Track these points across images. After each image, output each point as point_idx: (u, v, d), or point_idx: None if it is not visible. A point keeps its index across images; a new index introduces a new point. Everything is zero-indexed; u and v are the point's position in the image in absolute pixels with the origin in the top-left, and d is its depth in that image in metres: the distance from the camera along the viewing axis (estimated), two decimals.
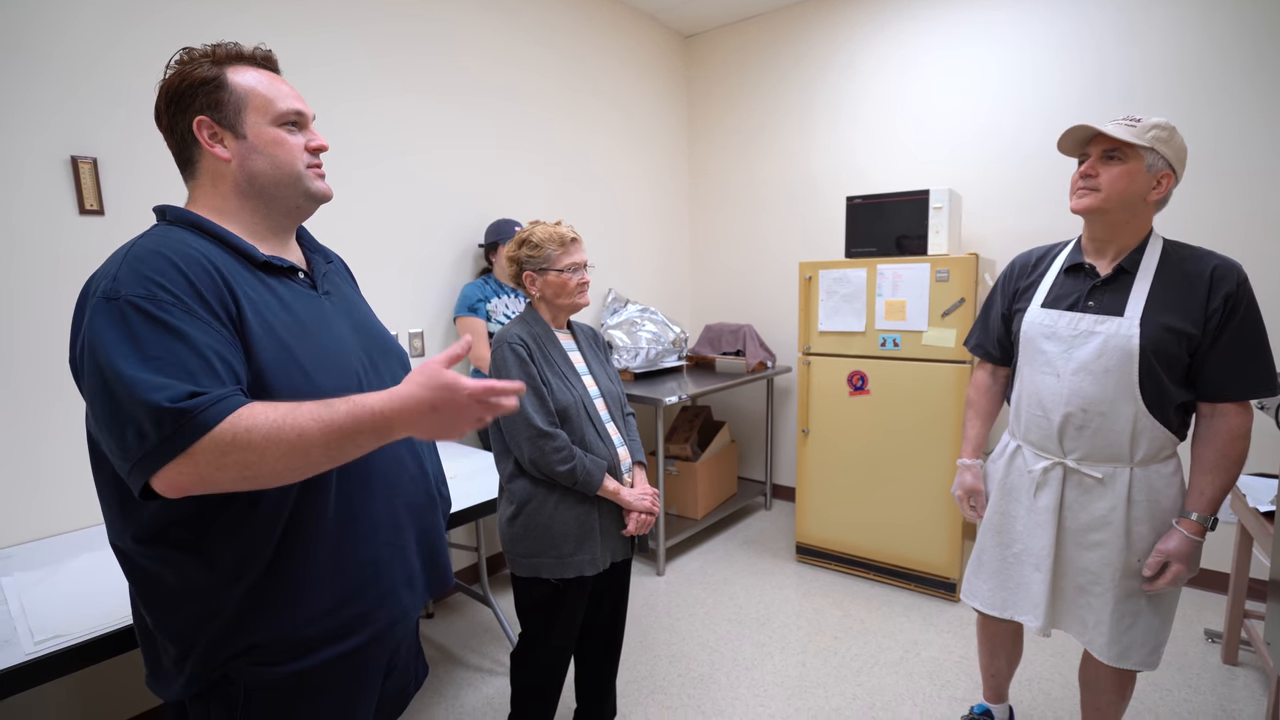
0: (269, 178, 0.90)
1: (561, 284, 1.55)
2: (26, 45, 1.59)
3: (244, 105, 0.88)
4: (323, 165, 0.97)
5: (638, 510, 1.59)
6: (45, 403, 1.66)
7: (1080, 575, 1.44)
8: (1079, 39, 2.69)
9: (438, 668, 2.23)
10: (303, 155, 0.93)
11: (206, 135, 0.88)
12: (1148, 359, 1.29)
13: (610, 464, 1.56)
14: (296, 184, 0.92)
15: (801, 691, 2.06)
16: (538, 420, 1.47)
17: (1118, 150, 1.30)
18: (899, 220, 2.66)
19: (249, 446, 0.72)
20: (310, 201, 0.95)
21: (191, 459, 0.71)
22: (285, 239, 0.98)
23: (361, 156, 2.32)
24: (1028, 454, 1.50)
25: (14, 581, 1.36)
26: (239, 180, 0.89)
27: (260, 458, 0.73)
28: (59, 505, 1.69)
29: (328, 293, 1.00)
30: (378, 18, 2.33)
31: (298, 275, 0.96)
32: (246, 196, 0.90)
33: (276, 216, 0.94)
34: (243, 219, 0.91)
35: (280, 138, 0.90)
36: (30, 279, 1.62)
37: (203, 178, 0.90)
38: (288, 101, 0.92)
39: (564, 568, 1.51)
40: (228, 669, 0.85)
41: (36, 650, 1.09)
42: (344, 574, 0.90)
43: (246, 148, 0.89)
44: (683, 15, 3.60)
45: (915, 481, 2.64)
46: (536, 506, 1.51)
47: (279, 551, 0.85)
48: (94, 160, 1.69)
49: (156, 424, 0.71)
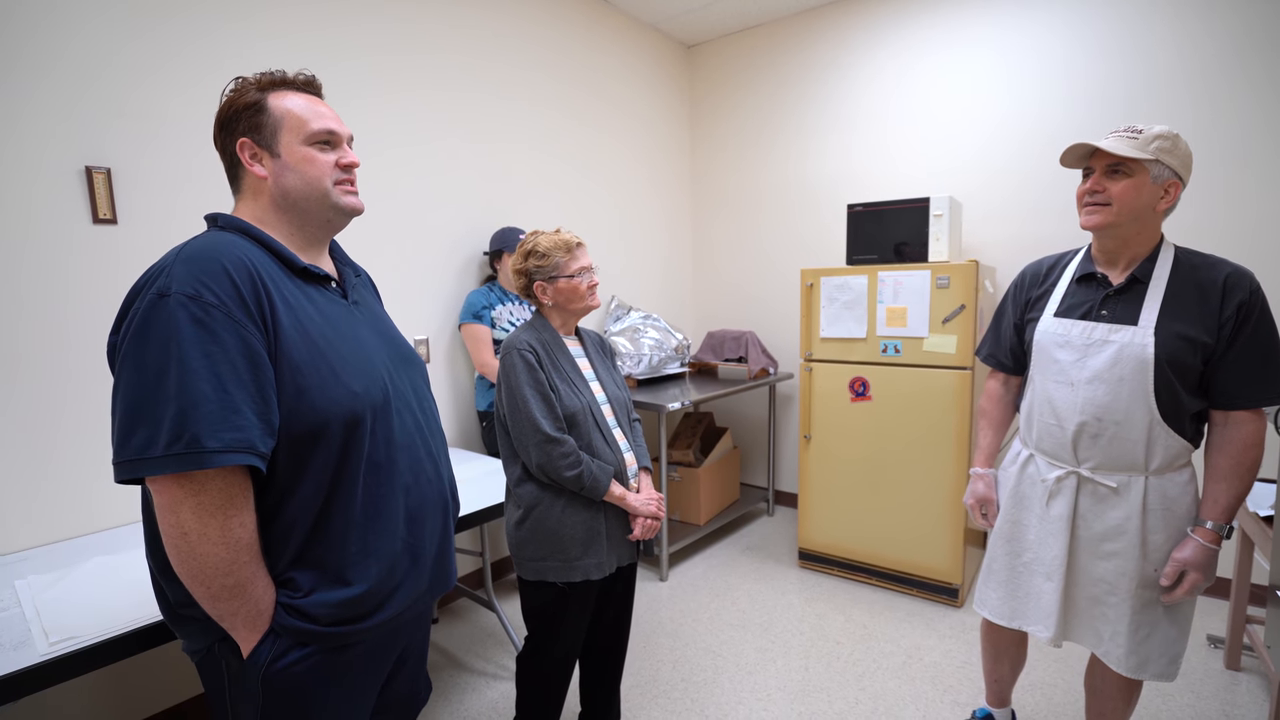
0: (300, 193, 0.97)
1: (573, 289, 1.57)
2: (42, 56, 1.62)
3: (280, 127, 0.96)
4: (355, 181, 1.03)
5: (643, 515, 1.60)
6: (59, 408, 1.68)
7: (1094, 585, 1.42)
8: (1080, 46, 2.72)
9: (442, 672, 2.24)
10: (332, 172, 0.99)
11: (248, 155, 0.96)
12: (1162, 368, 1.29)
13: (617, 469, 1.57)
14: (325, 199, 0.99)
15: (804, 696, 2.07)
16: (545, 426, 1.48)
17: (1122, 164, 1.30)
18: (900, 228, 2.68)
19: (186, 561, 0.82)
20: (340, 215, 1.02)
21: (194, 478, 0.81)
22: (319, 251, 1.05)
23: (368, 165, 2.35)
24: (1040, 463, 1.49)
25: (28, 584, 1.38)
26: (275, 195, 0.97)
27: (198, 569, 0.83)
28: (71, 509, 1.71)
29: (356, 302, 1.06)
30: (385, 25, 2.37)
31: (330, 284, 1.03)
32: (282, 210, 0.98)
33: (310, 229, 1.01)
34: (280, 231, 0.98)
35: (311, 156, 0.97)
36: (44, 287, 1.65)
37: (246, 193, 0.99)
38: (321, 122, 0.98)
39: (570, 571, 1.53)
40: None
41: (52, 651, 1.11)
42: (368, 562, 0.95)
43: (280, 166, 0.96)
44: (685, 25, 3.65)
45: (917, 487, 2.65)
46: (544, 511, 1.53)
47: (310, 538, 0.91)
48: (108, 170, 1.73)
49: (175, 437, 0.78)
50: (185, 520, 0.80)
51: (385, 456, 0.97)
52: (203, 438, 0.78)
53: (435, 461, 1.08)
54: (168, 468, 0.78)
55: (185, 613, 0.92)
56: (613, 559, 1.59)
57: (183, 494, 0.80)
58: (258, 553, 0.87)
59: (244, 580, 0.85)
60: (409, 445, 1.02)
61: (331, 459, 0.91)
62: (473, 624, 2.58)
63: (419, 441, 1.04)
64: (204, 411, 0.79)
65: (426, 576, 1.05)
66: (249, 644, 0.88)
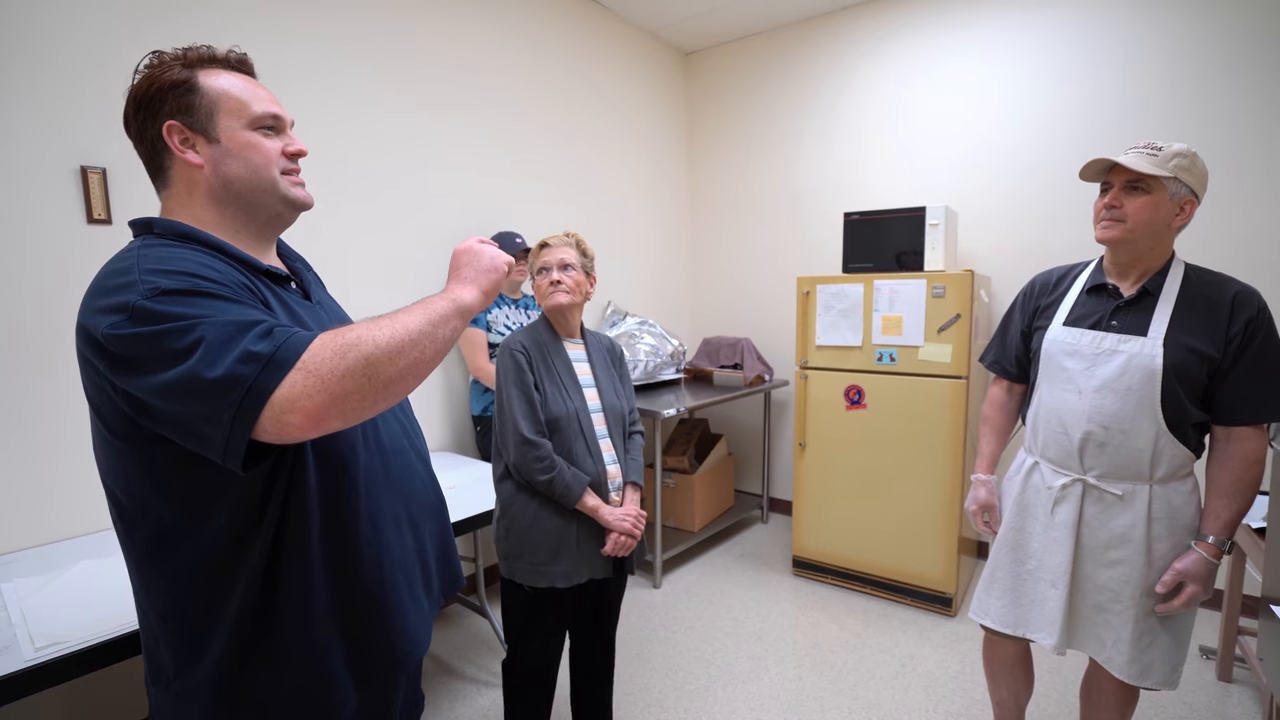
0: (245, 183, 0.85)
1: (538, 287, 1.62)
2: (37, 56, 1.62)
3: (217, 108, 0.84)
4: (300, 171, 0.93)
5: (615, 531, 1.55)
6: (50, 409, 1.67)
7: (1099, 593, 1.43)
8: (1076, 57, 2.75)
9: (433, 679, 2.22)
10: (279, 160, 0.88)
11: (177, 140, 0.83)
12: (1170, 379, 1.30)
13: (595, 480, 1.55)
14: (273, 190, 0.88)
15: (797, 705, 2.06)
16: (523, 427, 1.49)
17: (1141, 181, 1.31)
18: (896, 236, 2.69)
19: (359, 341, 0.73)
20: (289, 209, 0.91)
21: (313, 372, 0.70)
22: (267, 249, 0.94)
23: (362, 168, 2.35)
24: (1046, 470, 1.50)
25: (14, 588, 1.37)
26: (213, 187, 0.84)
27: (375, 348, 0.73)
28: (61, 511, 1.70)
29: (319, 302, 1.00)
30: (380, 31, 2.37)
31: (290, 285, 0.95)
32: (224, 204, 0.86)
33: (257, 225, 0.90)
34: (223, 229, 0.86)
35: (255, 141, 0.86)
36: (39, 287, 1.64)
37: (176, 186, 0.85)
38: (263, 105, 0.87)
39: (537, 576, 1.52)
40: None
41: (37, 656, 1.09)
42: (377, 579, 0.92)
43: (220, 152, 0.84)
44: (684, 33, 3.66)
45: (911, 496, 2.65)
46: (518, 511, 1.53)
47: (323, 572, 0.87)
48: (103, 170, 1.72)
49: (265, 335, 0.71)
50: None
51: (380, 464, 0.94)
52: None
53: (425, 461, 1.06)
54: (288, 361, 0.72)
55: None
56: (583, 570, 1.55)
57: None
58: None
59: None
60: (399, 450, 0.99)
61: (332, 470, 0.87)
62: (465, 630, 2.56)
63: (407, 445, 1.01)
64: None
65: (435, 582, 1.03)
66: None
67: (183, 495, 0.79)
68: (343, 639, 0.88)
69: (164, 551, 0.81)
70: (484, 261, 0.93)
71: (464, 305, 0.87)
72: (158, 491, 0.79)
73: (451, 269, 0.93)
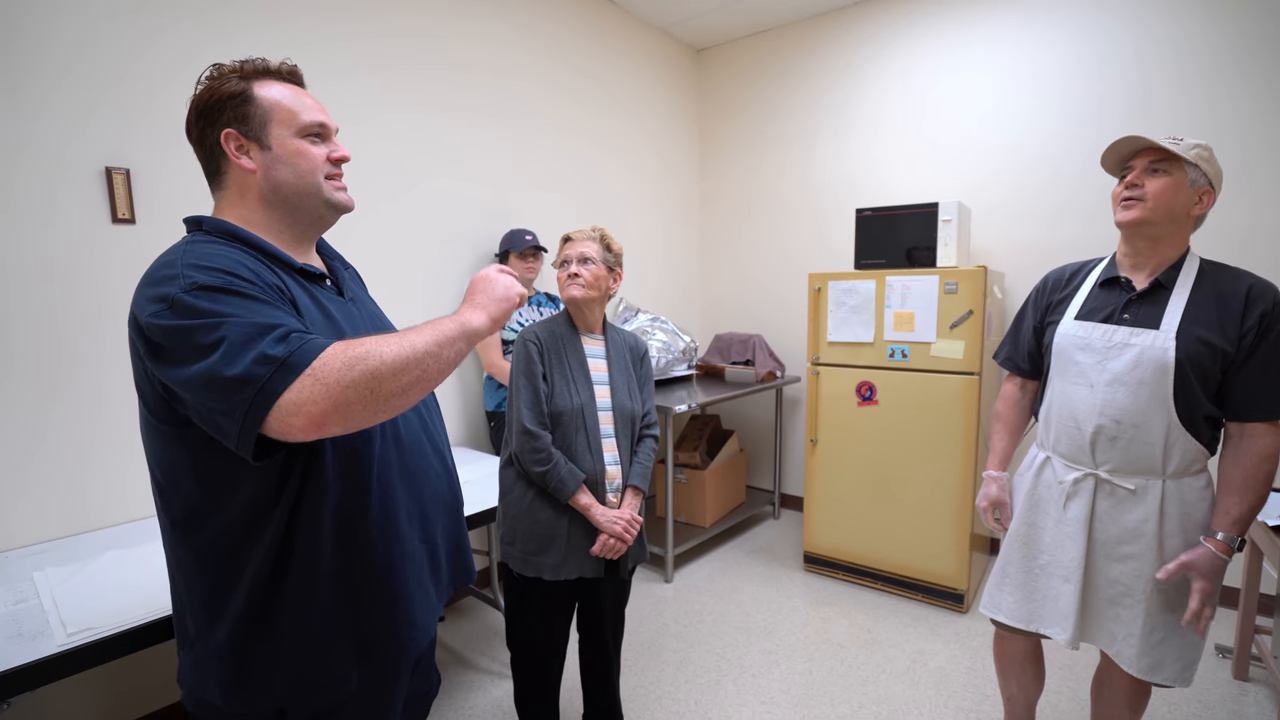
0: (292, 187, 0.93)
1: (558, 280, 1.63)
2: (62, 58, 1.66)
3: (269, 118, 0.91)
4: (343, 176, 1.00)
5: (605, 532, 1.54)
6: (78, 405, 1.71)
7: (1110, 587, 1.42)
8: (1085, 53, 2.72)
9: (447, 670, 2.26)
10: (324, 165, 0.95)
11: (233, 147, 0.91)
12: (1183, 372, 1.30)
13: (591, 478, 1.55)
14: (317, 193, 0.95)
15: (808, 700, 2.07)
16: (526, 417, 1.52)
17: (1163, 163, 1.31)
18: (908, 232, 2.69)
19: (368, 355, 0.77)
20: (331, 211, 0.98)
21: (320, 379, 0.74)
22: (308, 249, 1.02)
23: (378, 166, 2.38)
24: (1058, 465, 1.50)
25: (45, 576, 1.41)
26: (264, 190, 0.92)
27: (381, 363, 0.77)
28: (89, 503, 1.75)
29: (352, 299, 1.05)
30: (395, 33, 2.40)
31: (325, 282, 1.01)
32: (272, 206, 0.93)
33: (301, 226, 0.97)
34: (269, 228, 0.94)
35: (303, 148, 0.93)
36: (66, 286, 1.69)
37: (230, 189, 0.93)
38: (311, 114, 0.95)
39: (525, 565, 1.54)
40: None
41: (70, 641, 1.13)
42: (386, 567, 0.96)
43: (271, 158, 0.91)
44: (695, 29, 3.66)
45: (923, 492, 2.64)
46: (516, 498, 1.57)
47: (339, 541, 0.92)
48: (127, 171, 1.76)
49: (281, 339, 0.75)
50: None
51: (396, 457, 0.97)
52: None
53: (441, 454, 1.09)
54: (299, 366, 0.77)
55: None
56: (572, 567, 1.54)
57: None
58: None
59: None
60: (416, 443, 1.03)
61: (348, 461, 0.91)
62: (478, 622, 2.60)
63: (424, 439, 1.05)
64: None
65: (444, 574, 1.06)
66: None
67: (208, 476, 0.85)
68: (348, 619, 0.93)
69: (191, 526, 0.88)
70: (498, 290, 0.97)
71: (471, 329, 0.91)
72: (187, 472, 0.86)
73: (467, 293, 0.98)
